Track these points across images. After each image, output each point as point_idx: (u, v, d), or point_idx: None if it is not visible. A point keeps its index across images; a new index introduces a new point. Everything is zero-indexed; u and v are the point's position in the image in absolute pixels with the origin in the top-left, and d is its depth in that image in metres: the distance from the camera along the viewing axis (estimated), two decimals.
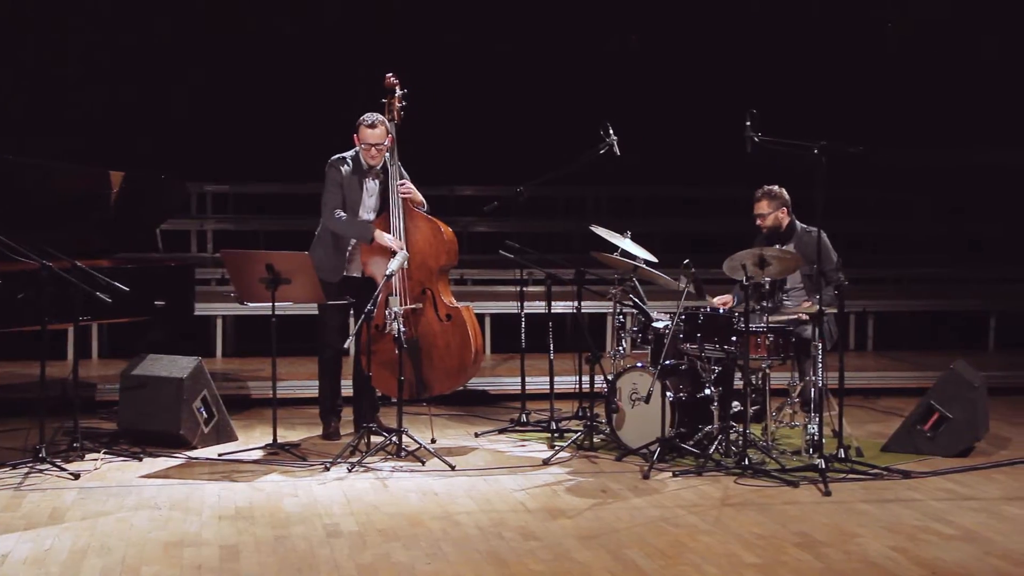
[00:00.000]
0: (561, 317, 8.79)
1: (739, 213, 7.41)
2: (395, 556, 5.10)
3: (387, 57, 7.90)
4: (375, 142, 7.09)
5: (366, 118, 7.12)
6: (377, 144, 7.09)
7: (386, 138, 7.12)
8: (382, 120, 7.11)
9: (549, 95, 12.74)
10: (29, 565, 4.90)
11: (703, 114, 12.17)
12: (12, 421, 7.59)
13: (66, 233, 7.04)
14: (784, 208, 7.31)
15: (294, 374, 8.71)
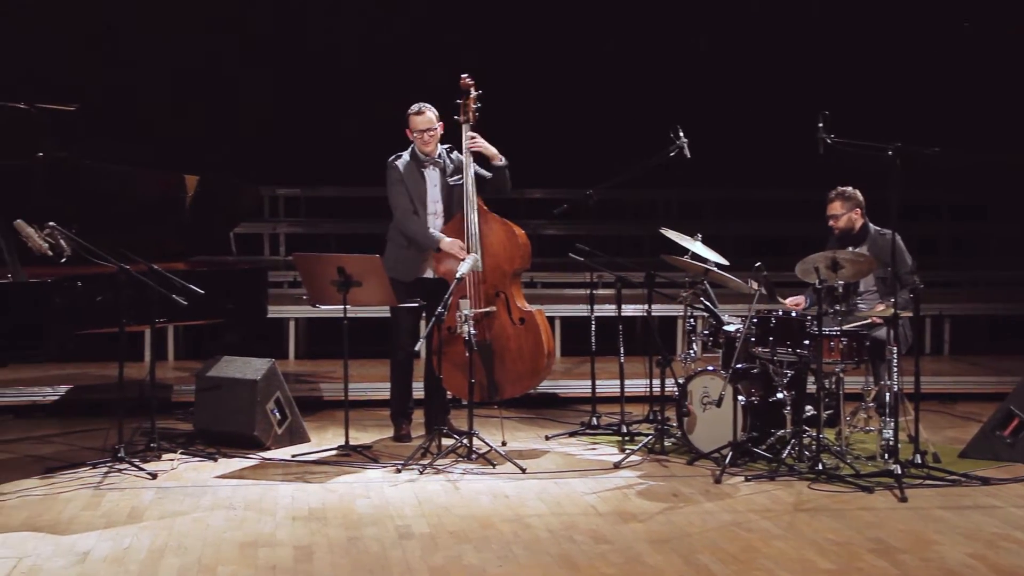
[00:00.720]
0: (631, 320, 8.77)
1: (811, 216, 7.34)
2: (466, 558, 5.12)
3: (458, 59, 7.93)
4: (425, 127, 7.14)
5: (413, 107, 7.19)
6: (428, 129, 7.13)
7: (436, 123, 7.15)
8: (428, 106, 7.17)
9: (619, 98, 12.71)
10: (109, 563, 4.99)
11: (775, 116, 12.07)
12: (91, 421, 7.74)
13: (143, 236, 7.15)
14: (858, 209, 7.23)
15: (366, 376, 8.77)
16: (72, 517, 5.63)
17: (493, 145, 7.25)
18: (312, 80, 12.61)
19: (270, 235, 12.16)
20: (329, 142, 12.32)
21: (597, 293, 7.89)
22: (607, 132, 12.24)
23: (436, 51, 12.20)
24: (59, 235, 6.28)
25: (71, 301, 6.34)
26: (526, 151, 12.18)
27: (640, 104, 12.39)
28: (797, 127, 7.45)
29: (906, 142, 6.39)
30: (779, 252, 11.50)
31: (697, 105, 12.05)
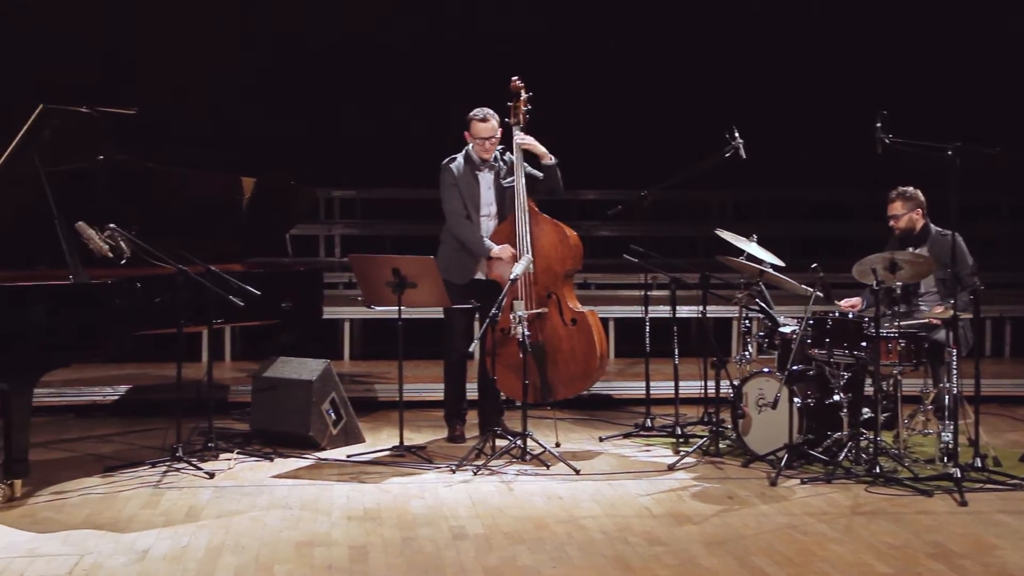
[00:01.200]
0: (686, 321, 8.73)
1: (868, 216, 7.28)
2: (521, 559, 5.12)
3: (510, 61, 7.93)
4: (487, 135, 7.15)
5: (477, 112, 7.18)
6: (490, 137, 7.14)
7: (497, 131, 7.16)
8: (492, 114, 7.17)
9: (674, 98, 12.65)
10: (168, 561, 5.05)
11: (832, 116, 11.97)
12: (150, 421, 7.84)
13: (201, 238, 7.22)
14: (919, 210, 7.16)
15: (420, 377, 8.81)
16: (132, 515, 5.71)
17: (546, 146, 7.25)
18: (368, 81, 12.69)
19: (325, 236, 12.24)
20: (385, 144, 12.39)
21: (651, 294, 7.87)
22: (662, 133, 12.20)
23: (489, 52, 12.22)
24: (119, 237, 6.36)
25: (131, 302, 6.41)
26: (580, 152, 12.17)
27: (695, 104, 12.34)
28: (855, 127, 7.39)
29: (966, 142, 6.31)
30: (836, 253, 11.41)
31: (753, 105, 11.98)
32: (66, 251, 6.24)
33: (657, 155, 10.87)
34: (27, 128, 6.23)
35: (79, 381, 8.58)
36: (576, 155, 7.65)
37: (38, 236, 6.39)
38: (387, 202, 12.69)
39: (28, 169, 6.29)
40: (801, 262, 7.25)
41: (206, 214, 7.37)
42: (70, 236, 6.27)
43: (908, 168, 6.72)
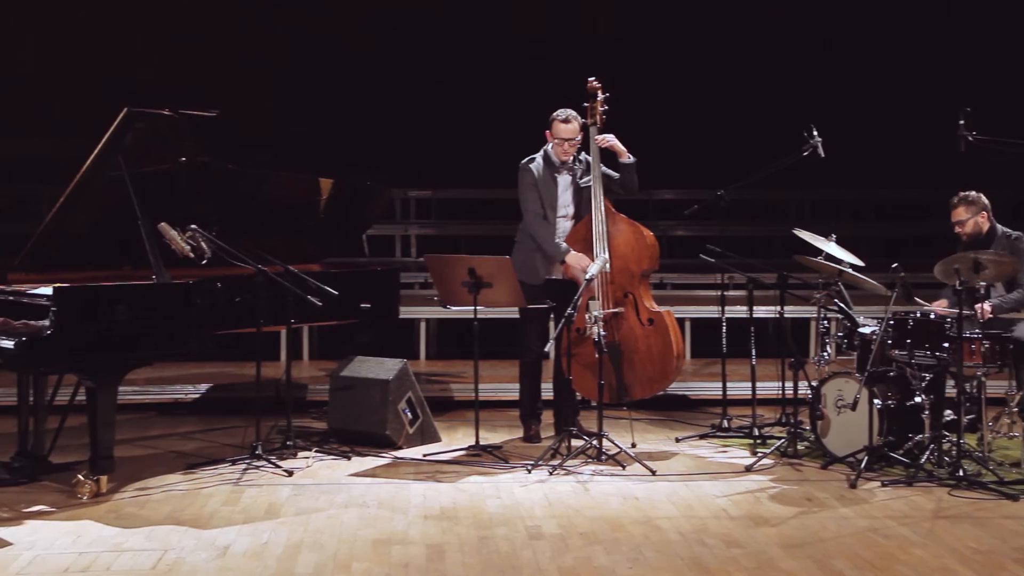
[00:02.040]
0: (763, 322, 8.64)
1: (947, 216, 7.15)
2: (597, 560, 5.11)
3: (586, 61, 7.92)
4: (568, 137, 7.14)
5: (559, 113, 7.18)
6: (570, 139, 7.14)
7: (578, 133, 7.16)
8: (575, 115, 7.16)
9: (751, 96, 12.55)
10: (248, 558, 5.11)
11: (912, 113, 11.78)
12: (230, 419, 7.96)
13: (279, 238, 7.31)
14: (983, 213, 7.04)
15: (496, 377, 8.82)
16: (213, 512, 5.79)
17: (622, 145, 7.22)
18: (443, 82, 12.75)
19: (401, 237, 12.32)
20: (460, 145, 12.44)
21: (728, 294, 7.81)
22: (739, 131, 12.10)
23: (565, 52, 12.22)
24: (200, 237, 6.46)
25: (211, 302, 6.51)
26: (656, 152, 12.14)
27: (773, 103, 12.22)
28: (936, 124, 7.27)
29: None
30: (916, 253, 11.23)
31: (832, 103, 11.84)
32: (149, 252, 6.36)
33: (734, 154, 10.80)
34: (112, 131, 6.36)
35: (161, 379, 8.72)
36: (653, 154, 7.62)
37: (122, 237, 6.52)
38: (462, 202, 12.74)
39: (113, 171, 6.42)
40: (880, 262, 7.15)
41: (285, 215, 7.45)
42: (153, 237, 6.38)
43: (994, 164, 6.60)
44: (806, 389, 7.09)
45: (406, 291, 10.26)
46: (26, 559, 5.06)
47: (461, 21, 12.85)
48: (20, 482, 6.27)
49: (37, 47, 12.41)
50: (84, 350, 6.01)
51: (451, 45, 12.86)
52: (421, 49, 12.85)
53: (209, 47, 12.32)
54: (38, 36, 12.40)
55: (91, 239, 6.68)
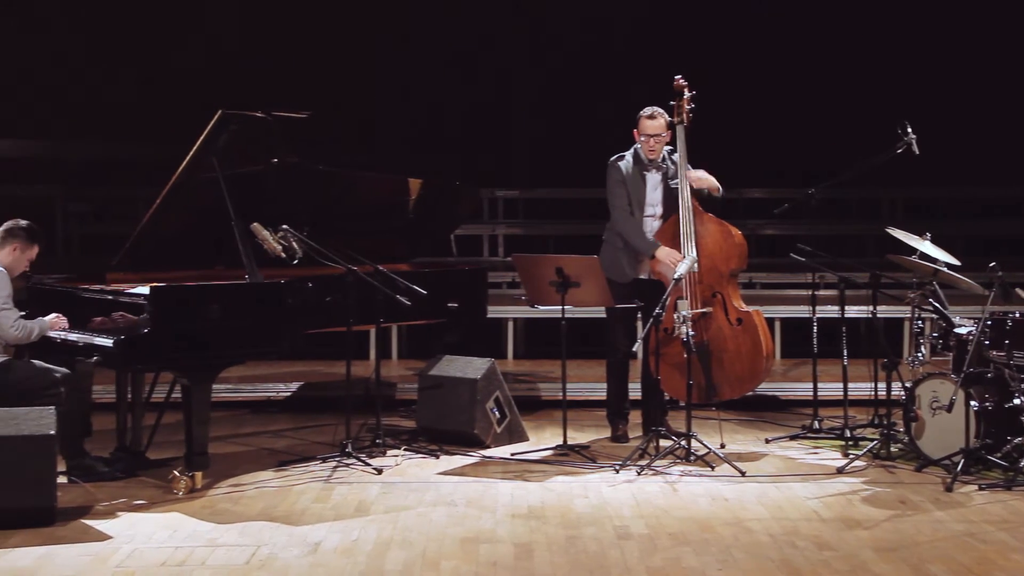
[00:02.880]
0: (855, 322, 8.51)
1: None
2: (686, 561, 5.08)
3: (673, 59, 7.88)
4: (653, 133, 7.11)
5: (645, 110, 7.16)
6: (656, 135, 7.11)
7: (665, 130, 7.12)
8: (661, 112, 7.13)
9: (843, 93, 12.37)
10: (339, 554, 5.17)
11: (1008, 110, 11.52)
12: (320, 417, 8.05)
13: (369, 238, 7.38)
14: None
15: (583, 376, 8.81)
16: (304, 509, 5.87)
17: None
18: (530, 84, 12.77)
19: (489, 236, 12.36)
20: (548, 144, 12.44)
21: (819, 294, 7.69)
22: (830, 129, 11.94)
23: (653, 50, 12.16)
24: (292, 237, 6.55)
25: (302, 301, 6.59)
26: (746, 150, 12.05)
27: (865, 99, 12.04)
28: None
29: None
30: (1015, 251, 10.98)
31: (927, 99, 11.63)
32: (242, 252, 6.46)
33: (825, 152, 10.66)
34: (206, 133, 6.48)
35: (254, 378, 8.86)
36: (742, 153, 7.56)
37: (216, 237, 6.63)
38: (550, 202, 12.74)
39: (207, 173, 6.54)
40: (976, 261, 7.00)
41: (374, 215, 7.52)
42: (246, 237, 6.48)
43: None
44: (899, 390, 6.96)
45: (494, 290, 10.28)
46: (125, 552, 5.18)
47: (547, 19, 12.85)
48: (118, 477, 6.41)
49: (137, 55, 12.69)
50: (179, 348, 6.13)
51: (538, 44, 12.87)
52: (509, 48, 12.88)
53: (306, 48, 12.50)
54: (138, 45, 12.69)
55: (186, 239, 6.81)
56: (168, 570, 4.95)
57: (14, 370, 6.09)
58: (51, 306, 6.54)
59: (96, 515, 5.75)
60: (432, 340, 8.05)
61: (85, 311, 6.48)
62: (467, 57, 12.83)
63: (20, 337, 6.11)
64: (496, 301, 9.48)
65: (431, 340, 8.13)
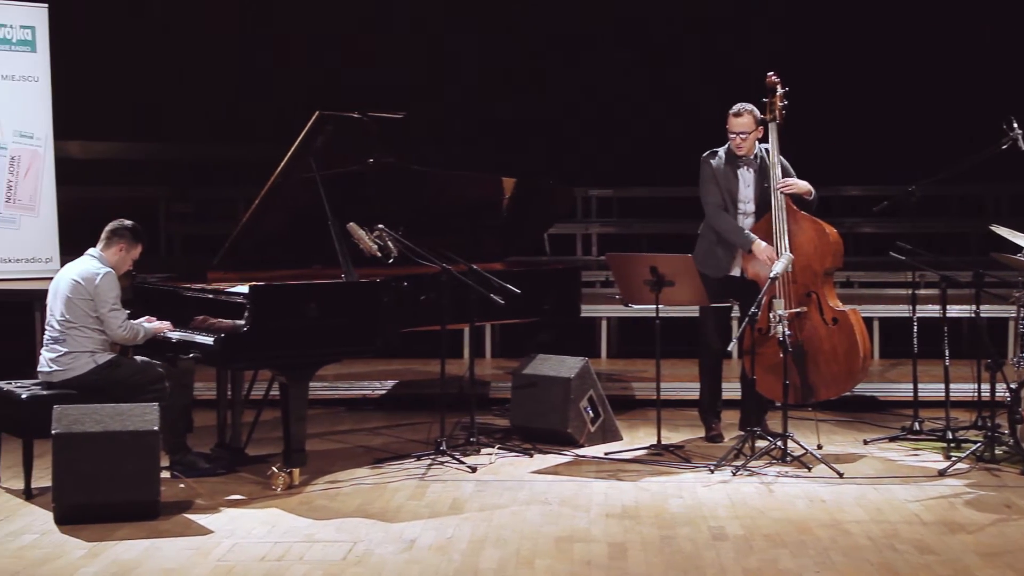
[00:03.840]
0: (957, 321, 8.32)
1: None
2: (782, 563, 5.02)
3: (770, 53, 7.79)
4: (740, 131, 7.05)
5: (733, 108, 7.12)
6: (742, 132, 7.04)
7: (753, 127, 7.05)
8: (749, 109, 7.06)
9: (945, 87, 12.11)
10: (434, 551, 5.21)
11: None
12: (415, 415, 8.12)
13: (463, 237, 7.42)
14: None
15: (677, 376, 8.75)
16: (399, 506, 5.92)
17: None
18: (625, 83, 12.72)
19: (582, 235, 12.34)
20: (642, 143, 12.39)
21: (919, 293, 7.56)
22: (931, 124, 11.69)
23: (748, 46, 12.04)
24: (387, 237, 6.61)
25: (398, 300, 6.65)
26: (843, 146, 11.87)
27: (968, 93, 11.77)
28: None
29: None
30: None
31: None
32: (339, 251, 6.54)
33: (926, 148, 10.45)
34: (304, 134, 6.57)
35: (349, 376, 8.95)
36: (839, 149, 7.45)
37: (313, 237, 6.73)
38: (644, 201, 12.68)
39: (304, 173, 6.63)
40: None
41: (468, 214, 7.56)
42: (342, 237, 6.56)
43: None
44: (1004, 391, 6.80)
45: (587, 289, 10.25)
46: (226, 546, 5.28)
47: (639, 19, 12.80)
48: (219, 473, 6.54)
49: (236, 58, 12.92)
50: (277, 347, 6.23)
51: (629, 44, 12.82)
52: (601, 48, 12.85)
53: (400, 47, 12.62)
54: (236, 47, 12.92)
55: (284, 239, 6.93)
56: (267, 565, 5.04)
57: (120, 367, 6.24)
58: (154, 305, 6.70)
59: (198, 510, 5.87)
60: (525, 339, 8.07)
61: (186, 310, 6.62)
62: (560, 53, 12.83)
63: (127, 338, 6.26)
64: (590, 300, 9.45)
65: (525, 339, 8.15)
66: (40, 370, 6.28)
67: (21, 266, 10.03)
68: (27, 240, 10.06)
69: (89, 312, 6.15)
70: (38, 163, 10.12)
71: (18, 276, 9.95)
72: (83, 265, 6.24)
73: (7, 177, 10.09)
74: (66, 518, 5.60)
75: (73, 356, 6.16)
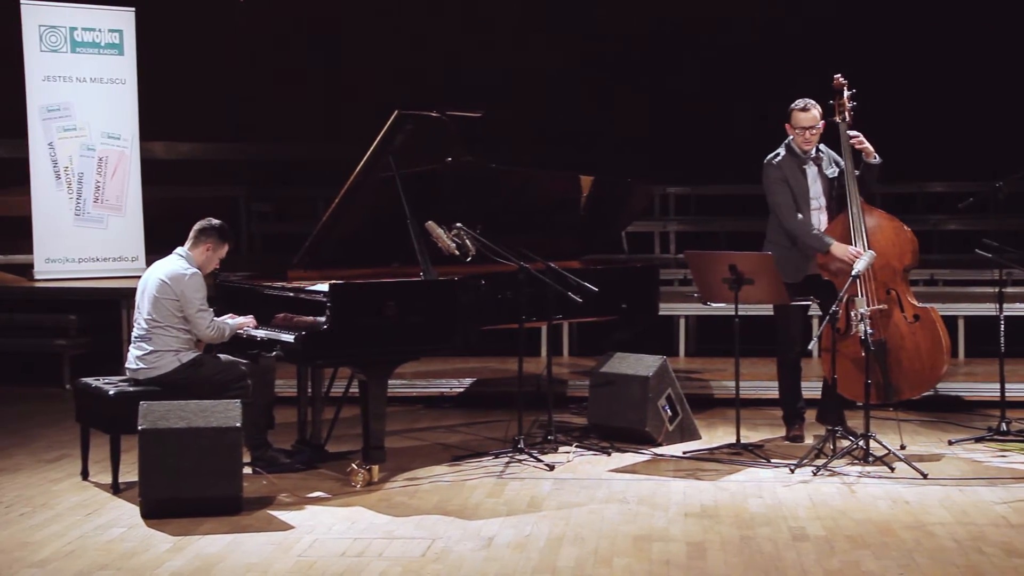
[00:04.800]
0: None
1: None
2: (865, 564, 4.96)
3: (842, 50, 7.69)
4: (808, 125, 6.98)
5: (798, 102, 7.04)
6: (811, 127, 6.97)
7: (819, 121, 6.97)
8: (813, 103, 7.01)
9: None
10: (512, 549, 5.22)
11: None
12: (492, 413, 8.14)
13: (541, 236, 7.42)
14: None
15: (756, 374, 8.68)
16: (478, 503, 5.95)
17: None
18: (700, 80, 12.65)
19: (660, 233, 12.29)
20: (719, 140, 12.30)
21: (1006, 291, 7.41)
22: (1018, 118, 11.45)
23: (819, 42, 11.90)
24: (465, 235, 6.64)
25: (475, 298, 6.68)
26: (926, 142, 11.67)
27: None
28: None
29: None
30: None
31: None
32: (417, 250, 6.58)
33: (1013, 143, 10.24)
34: (383, 133, 6.63)
35: (427, 374, 9.00)
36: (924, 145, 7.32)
37: (392, 235, 6.78)
38: (722, 198, 12.59)
39: (384, 172, 6.69)
40: None
41: (546, 212, 7.56)
42: (421, 235, 6.60)
43: None
44: None
45: (665, 288, 10.20)
46: (307, 542, 5.34)
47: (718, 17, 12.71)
48: (299, 469, 6.61)
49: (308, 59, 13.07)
50: (357, 344, 6.28)
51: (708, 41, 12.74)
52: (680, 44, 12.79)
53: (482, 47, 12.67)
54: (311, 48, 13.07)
55: (363, 238, 6.99)
56: (347, 560, 5.09)
57: (203, 366, 6.34)
58: (236, 303, 6.80)
59: (279, 506, 5.94)
60: (603, 337, 8.04)
61: (267, 308, 6.71)
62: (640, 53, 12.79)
63: (214, 337, 6.35)
64: (668, 298, 9.40)
65: (602, 337, 8.13)
66: (127, 367, 6.40)
67: (108, 265, 10.28)
68: (114, 239, 10.31)
69: (175, 312, 6.25)
70: (125, 164, 10.35)
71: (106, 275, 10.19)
72: (170, 265, 6.34)
73: (95, 178, 10.34)
74: (152, 512, 5.71)
75: (158, 355, 6.27)
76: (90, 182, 10.17)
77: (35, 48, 9.97)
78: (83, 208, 10.12)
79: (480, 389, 8.78)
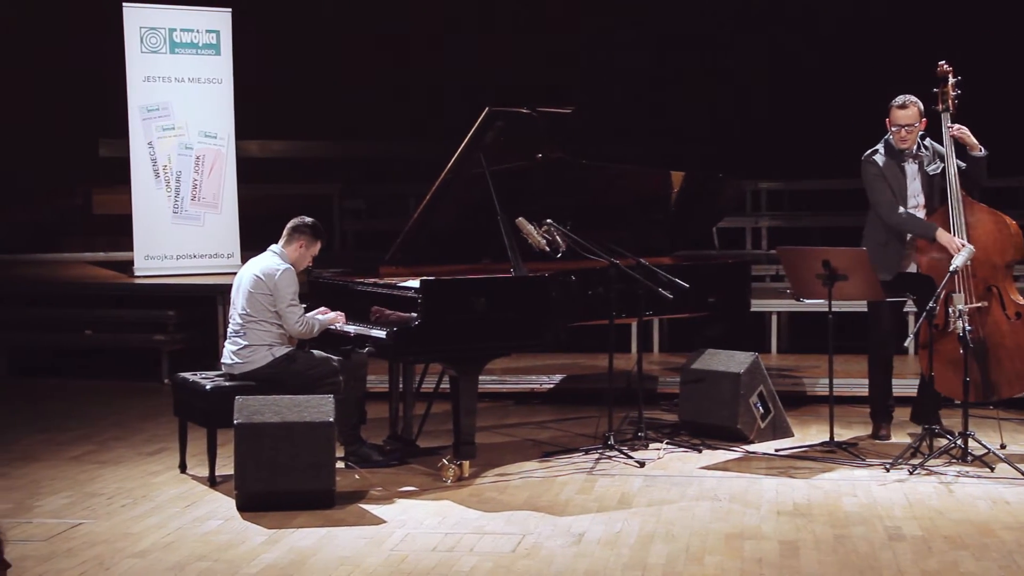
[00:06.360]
0: None
1: None
2: (964, 566, 4.86)
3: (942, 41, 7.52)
4: (906, 123, 6.84)
5: (896, 99, 6.90)
6: (908, 125, 6.83)
7: (917, 119, 6.83)
8: (913, 100, 6.85)
9: None
10: (602, 546, 5.22)
11: None
12: (583, 409, 8.14)
13: (631, 232, 7.40)
14: None
15: (849, 372, 8.55)
16: (567, 500, 5.95)
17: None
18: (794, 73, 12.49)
19: (752, 229, 12.15)
20: (812, 134, 12.14)
21: None
22: None
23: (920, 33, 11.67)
24: (555, 231, 6.64)
25: (566, 294, 6.68)
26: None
27: None
28: None
29: None
30: None
31: None
32: (508, 246, 6.61)
33: None
34: (474, 130, 6.66)
35: (517, 370, 9.02)
36: None
37: (482, 232, 6.81)
38: (814, 193, 12.42)
39: (474, 169, 6.72)
40: None
41: (636, 208, 7.53)
42: (511, 231, 6.62)
43: None
44: None
45: (757, 284, 10.11)
46: (398, 536, 5.39)
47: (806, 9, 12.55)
48: (391, 464, 6.67)
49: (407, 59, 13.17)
50: (447, 340, 6.33)
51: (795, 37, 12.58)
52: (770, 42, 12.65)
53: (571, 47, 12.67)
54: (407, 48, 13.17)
55: (453, 234, 7.04)
56: (438, 555, 5.13)
57: (296, 361, 6.43)
58: (328, 298, 6.89)
59: (371, 500, 6.01)
60: (694, 334, 8.00)
61: (359, 303, 6.78)
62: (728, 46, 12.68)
63: (304, 333, 6.44)
64: (760, 294, 9.32)
65: (693, 334, 8.08)
66: (223, 362, 6.52)
67: (205, 261, 10.48)
68: (210, 236, 10.51)
69: (268, 307, 6.36)
70: (221, 162, 10.55)
71: (202, 271, 10.39)
72: (264, 261, 6.45)
73: (192, 176, 10.54)
74: (247, 505, 5.81)
75: (252, 349, 6.37)
76: (188, 180, 10.38)
77: (136, 49, 10.20)
78: (181, 206, 10.33)
79: (570, 385, 8.78)
